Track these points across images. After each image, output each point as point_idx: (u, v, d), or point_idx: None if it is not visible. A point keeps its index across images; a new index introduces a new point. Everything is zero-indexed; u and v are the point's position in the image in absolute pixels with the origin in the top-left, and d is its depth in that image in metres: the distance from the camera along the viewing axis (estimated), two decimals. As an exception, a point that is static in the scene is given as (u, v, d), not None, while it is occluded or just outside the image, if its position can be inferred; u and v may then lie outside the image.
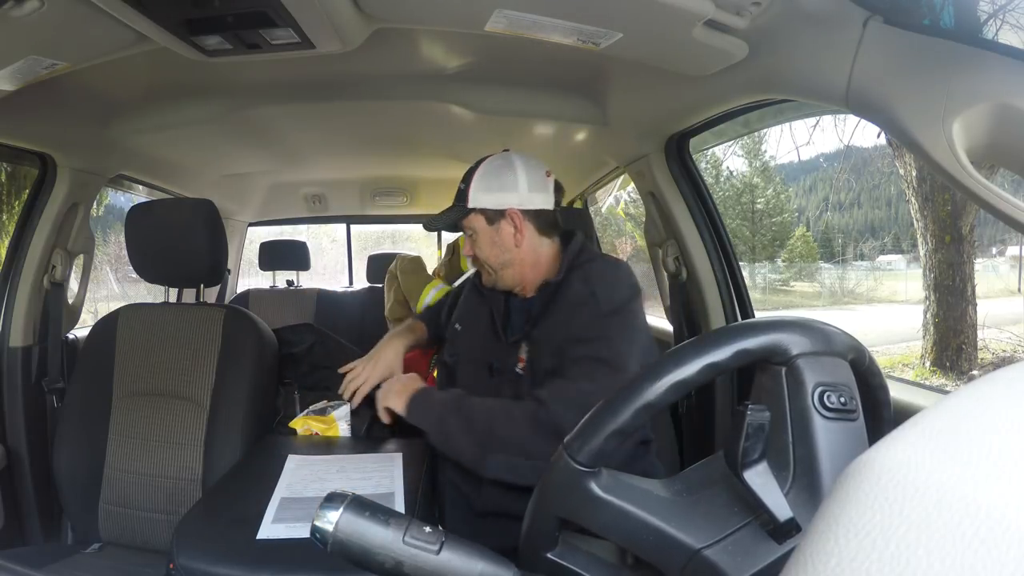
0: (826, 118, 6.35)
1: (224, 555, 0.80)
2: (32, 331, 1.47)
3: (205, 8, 0.85)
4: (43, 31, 0.86)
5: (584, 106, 1.49)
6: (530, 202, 1.06)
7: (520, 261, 1.08)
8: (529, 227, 1.07)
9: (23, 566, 0.91)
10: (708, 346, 0.45)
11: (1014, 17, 1.84)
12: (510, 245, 1.07)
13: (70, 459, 1.29)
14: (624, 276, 1.04)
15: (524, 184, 1.06)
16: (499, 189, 1.06)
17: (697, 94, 1.14)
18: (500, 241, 1.07)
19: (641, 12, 0.83)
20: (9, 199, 4.61)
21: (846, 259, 16.05)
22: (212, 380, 1.31)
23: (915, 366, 5.55)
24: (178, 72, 1.25)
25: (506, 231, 1.06)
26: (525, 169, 1.07)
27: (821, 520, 0.21)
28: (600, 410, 0.45)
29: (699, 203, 1.46)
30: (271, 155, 1.97)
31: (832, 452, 0.43)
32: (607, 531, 0.45)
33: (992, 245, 11.59)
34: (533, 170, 1.08)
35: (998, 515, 0.17)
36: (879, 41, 0.72)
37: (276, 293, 2.75)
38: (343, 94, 1.46)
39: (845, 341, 0.48)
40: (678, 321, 1.56)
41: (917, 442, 0.21)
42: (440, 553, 0.41)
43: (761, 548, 0.41)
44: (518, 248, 1.07)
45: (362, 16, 0.91)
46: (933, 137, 0.65)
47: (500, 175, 1.07)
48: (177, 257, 1.37)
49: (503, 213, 1.06)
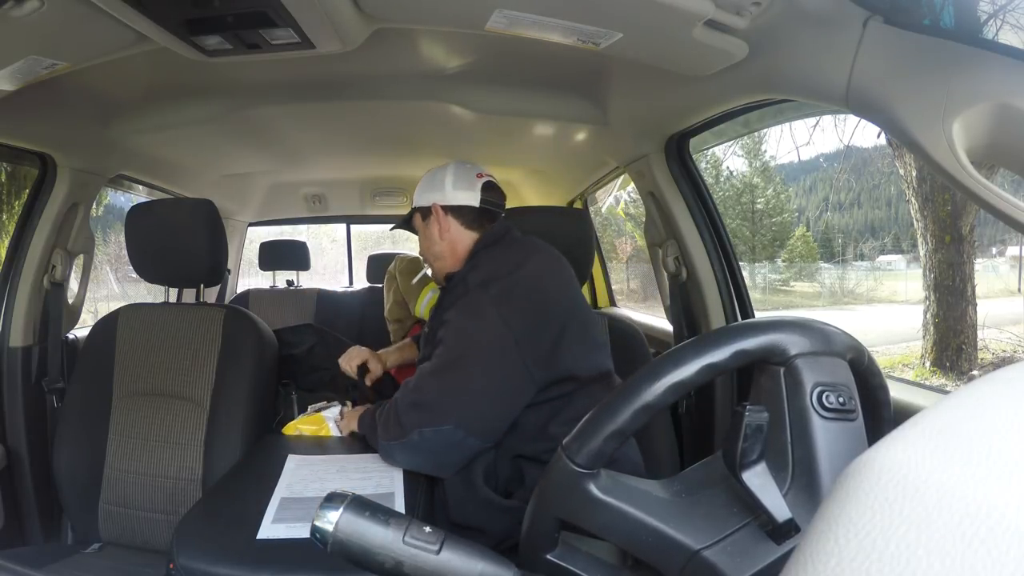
0: (826, 118, 6.34)
1: (224, 555, 0.80)
2: (32, 331, 1.47)
3: (205, 8, 0.85)
4: (43, 31, 0.86)
5: (584, 106, 1.49)
6: (453, 199, 1.16)
7: (445, 254, 1.18)
8: (452, 221, 1.16)
9: (23, 566, 0.91)
10: (707, 347, 0.45)
11: (1014, 17, 1.84)
12: (436, 238, 1.17)
13: (70, 459, 1.29)
14: (504, 259, 1.07)
15: (449, 183, 1.16)
16: (429, 189, 1.18)
17: (697, 94, 1.14)
18: (430, 235, 1.18)
19: (641, 12, 0.83)
20: (9, 199, 4.61)
21: (846, 259, 16.04)
22: (212, 380, 1.30)
23: (915, 366, 5.55)
24: (178, 72, 1.25)
25: (433, 225, 1.17)
26: (454, 171, 1.18)
27: (821, 520, 0.21)
28: (599, 411, 0.45)
29: (699, 203, 1.46)
30: (271, 155, 1.97)
31: (831, 452, 0.43)
32: (606, 532, 0.45)
33: (992, 245, 11.58)
34: (463, 172, 1.18)
35: (998, 515, 0.17)
36: (879, 41, 0.72)
37: (276, 293, 2.75)
38: (343, 94, 1.46)
39: (844, 341, 0.48)
40: (678, 321, 1.56)
41: (917, 442, 0.21)
42: (440, 553, 0.41)
43: (760, 549, 0.41)
44: (443, 241, 1.17)
45: (362, 16, 0.91)
46: (933, 137, 0.65)
47: (432, 178, 1.19)
48: (177, 257, 1.37)
49: (430, 210, 1.17)
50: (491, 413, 0.97)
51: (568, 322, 1.02)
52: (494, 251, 1.11)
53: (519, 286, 1.01)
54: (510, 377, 0.96)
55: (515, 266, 1.05)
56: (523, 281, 1.02)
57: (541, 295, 1.02)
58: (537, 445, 1.00)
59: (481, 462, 1.02)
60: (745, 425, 0.41)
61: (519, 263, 1.05)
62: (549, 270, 1.09)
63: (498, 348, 0.96)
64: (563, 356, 1.00)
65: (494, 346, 0.96)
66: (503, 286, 1.00)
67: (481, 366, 0.96)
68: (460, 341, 0.99)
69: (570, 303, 1.07)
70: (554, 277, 1.08)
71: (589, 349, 1.05)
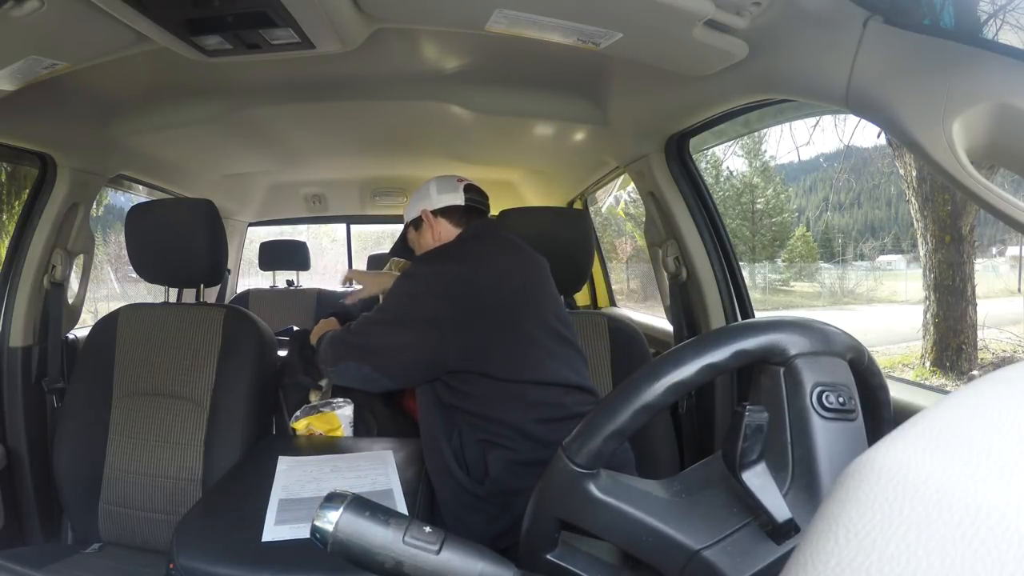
0: (826, 118, 6.35)
1: (224, 555, 0.80)
2: (32, 331, 1.47)
3: (205, 8, 0.85)
4: (43, 31, 0.86)
5: (584, 106, 1.49)
6: (438, 202, 1.22)
7: None
8: (442, 221, 1.21)
9: (23, 566, 0.91)
10: (706, 347, 0.44)
11: (1014, 17, 1.84)
12: (431, 242, 1.22)
13: (70, 459, 1.29)
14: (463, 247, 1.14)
15: (434, 191, 1.23)
16: (417, 201, 1.25)
17: (697, 94, 1.14)
18: (424, 241, 1.24)
19: (641, 12, 0.83)
20: (9, 199, 4.61)
21: (846, 259, 16.05)
22: (212, 380, 1.31)
23: (915, 366, 5.55)
24: (178, 72, 1.25)
25: (426, 231, 1.23)
26: (436, 181, 1.25)
27: (821, 520, 0.21)
28: (599, 411, 0.45)
29: (699, 203, 1.46)
30: (271, 155, 1.97)
31: (831, 452, 0.43)
32: (606, 532, 0.45)
33: (992, 245, 11.59)
34: (445, 180, 1.25)
35: (998, 515, 0.17)
36: (879, 41, 0.72)
37: (276, 293, 2.75)
38: (343, 94, 1.46)
39: (844, 341, 0.48)
40: (678, 321, 1.56)
41: (917, 442, 0.21)
42: (440, 553, 0.41)
43: (760, 549, 0.41)
44: (435, 243, 1.21)
45: (362, 16, 0.91)
46: (933, 137, 0.65)
47: (419, 192, 1.26)
48: (177, 257, 1.37)
49: (421, 218, 1.23)
50: (402, 367, 1.08)
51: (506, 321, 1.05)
52: (461, 240, 1.17)
53: (455, 267, 1.08)
54: (422, 345, 1.05)
55: (462, 252, 1.12)
56: (461, 264, 1.09)
57: (475, 283, 1.06)
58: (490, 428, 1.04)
59: (448, 444, 1.06)
60: (745, 425, 0.40)
61: (468, 250, 1.12)
62: (497, 263, 1.11)
63: (417, 312, 1.05)
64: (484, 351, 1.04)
65: (413, 309, 1.06)
66: (441, 264, 1.10)
67: (397, 322, 1.07)
68: (394, 301, 1.10)
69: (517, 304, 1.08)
70: (508, 273, 1.11)
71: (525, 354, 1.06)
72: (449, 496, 1.06)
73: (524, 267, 1.15)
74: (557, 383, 1.06)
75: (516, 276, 1.11)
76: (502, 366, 1.03)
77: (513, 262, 1.14)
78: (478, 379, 1.04)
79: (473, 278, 1.06)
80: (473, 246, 1.14)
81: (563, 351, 1.11)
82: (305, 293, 2.74)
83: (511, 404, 1.03)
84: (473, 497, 1.03)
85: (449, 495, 1.06)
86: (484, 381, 1.03)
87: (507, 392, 1.03)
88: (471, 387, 1.04)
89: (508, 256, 1.14)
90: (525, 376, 1.04)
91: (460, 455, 1.06)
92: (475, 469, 1.04)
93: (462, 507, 1.05)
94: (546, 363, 1.07)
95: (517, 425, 1.02)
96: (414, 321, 1.05)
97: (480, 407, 1.04)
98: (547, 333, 1.10)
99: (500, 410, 1.03)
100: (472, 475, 1.04)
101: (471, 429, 1.05)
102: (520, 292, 1.09)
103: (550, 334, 1.10)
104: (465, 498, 1.04)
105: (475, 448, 1.05)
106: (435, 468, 1.08)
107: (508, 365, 1.03)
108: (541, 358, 1.06)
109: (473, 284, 1.06)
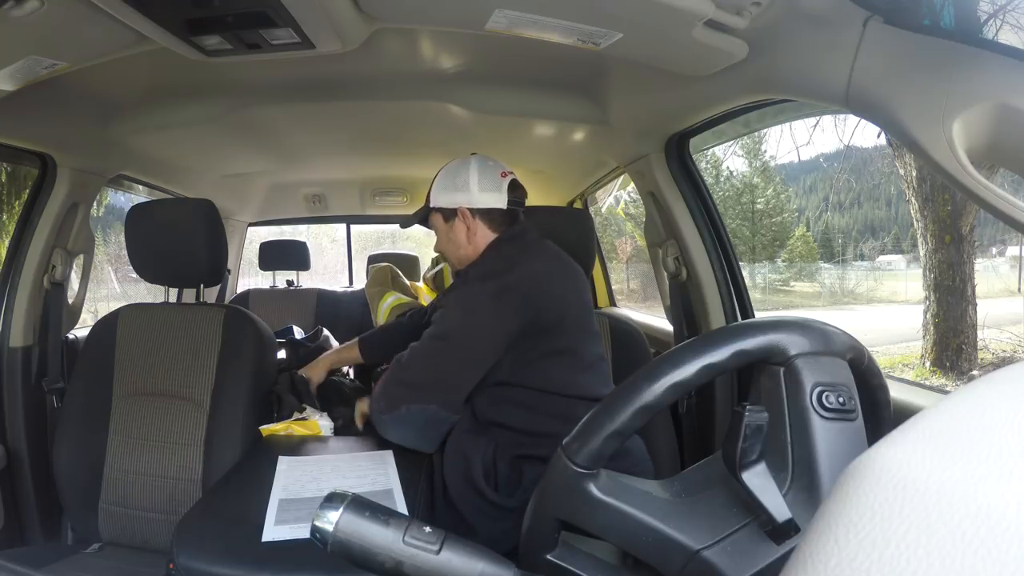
0: (826, 118, 6.35)
1: (224, 555, 0.80)
2: (32, 331, 1.47)
3: (205, 8, 0.85)
4: (43, 31, 0.86)
5: (584, 106, 1.49)
6: (480, 201, 1.13)
7: (471, 255, 1.16)
8: (480, 224, 1.14)
9: (23, 566, 0.91)
10: (706, 347, 0.44)
11: (1014, 17, 1.84)
12: (463, 241, 1.15)
13: (70, 459, 1.29)
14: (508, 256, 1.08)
15: (475, 184, 1.13)
16: (453, 189, 1.14)
17: (697, 94, 1.14)
18: (455, 237, 1.16)
19: (641, 12, 0.83)
20: (9, 199, 4.61)
21: (846, 259, 16.04)
22: (212, 380, 1.30)
23: (915, 366, 5.55)
24: (178, 72, 1.25)
25: (459, 228, 1.14)
26: (479, 170, 1.14)
27: (821, 520, 0.21)
28: (598, 412, 0.45)
29: (699, 203, 1.46)
30: (271, 155, 1.97)
31: (831, 452, 0.43)
32: (606, 533, 0.45)
33: (992, 245, 11.57)
34: (488, 171, 1.14)
35: (998, 515, 0.17)
36: (879, 41, 0.72)
37: (276, 293, 2.75)
38: (343, 94, 1.46)
39: (844, 341, 0.48)
40: (678, 321, 1.56)
41: (917, 442, 0.21)
42: (440, 553, 0.41)
43: (760, 549, 0.41)
44: (470, 244, 1.15)
45: (362, 16, 0.91)
46: (933, 137, 0.65)
47: (456, 176, 1.15)
48: (177, 257, 1.37)
49: (455, 212, 1.14)
50: (466, 388, 1.03)
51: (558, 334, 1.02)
52: (505, 248, 1.11)
53: (515, 284, 1.03)
54: (489, 354, 1.01)
55: (514, 264, 1.05)
56: (520, 280, 1.03)
57: (534, 297, 1.03)
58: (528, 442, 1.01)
59: (479, 461, 1.03)
60: (745, 425, 0.40)
61: (518, 262, 1.06)
62: (548, 275, 1.07)
63: (486, 339, 1.00)
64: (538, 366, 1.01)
65: (482, 337, 1.00)
66: (500, 282, 1.02)
67: (466, 353, 1.00)
68: (450, 326, 1.03)
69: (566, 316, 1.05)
70: (553, 283, 1.07)
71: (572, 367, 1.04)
72: (473, 512, 1.03)
73: (567, 277, 1.11)
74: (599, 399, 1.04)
75: (562, 286, 1.08)
76: (552, 380, 1.01)
77: (557, 271, 1.10)
78: (527, 393, 1.01)
79: (529, 291, 1.02)
80: (518, 255, 1.08)
81: (600, 365, 1.10)
82: (305, 293, 2.74)
83: (557, 419, 0.99)
84: (500, 509, 1.01)
85: (473, 511, 1.03)
86: (534, 395, 1.01)
87: (553, 406, 1.01)
88: (516, 403, 1.01)
89: (552, 265, 1.10)
90: (571, 391, 1.02)
91: (491, 471, 1.03)
92: (506, 483, 1.02)
93: (489, 520, 1.02)
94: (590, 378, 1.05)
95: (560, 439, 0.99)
96: (477, 342, 1.00)
97: (523, 423, 1.02)
98: (591, 346, 1.08)
99: (545, 425, 1.00)
100: (501, 490, 1.02)
101: (508, 446, 1.03)
102: (567, 303, 1.06)
103: (594, 347, 1.08)
104: (491, 511, 1.02)
105: (509, 464, 1.03)
106: (459, 485, 1.04)
107: (558, 379, 1.01)
108: (586, 372, 1.05)
109: (530, 297, 1.02)
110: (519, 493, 1.01)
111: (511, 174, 1.17)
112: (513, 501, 1.00)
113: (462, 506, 1.04)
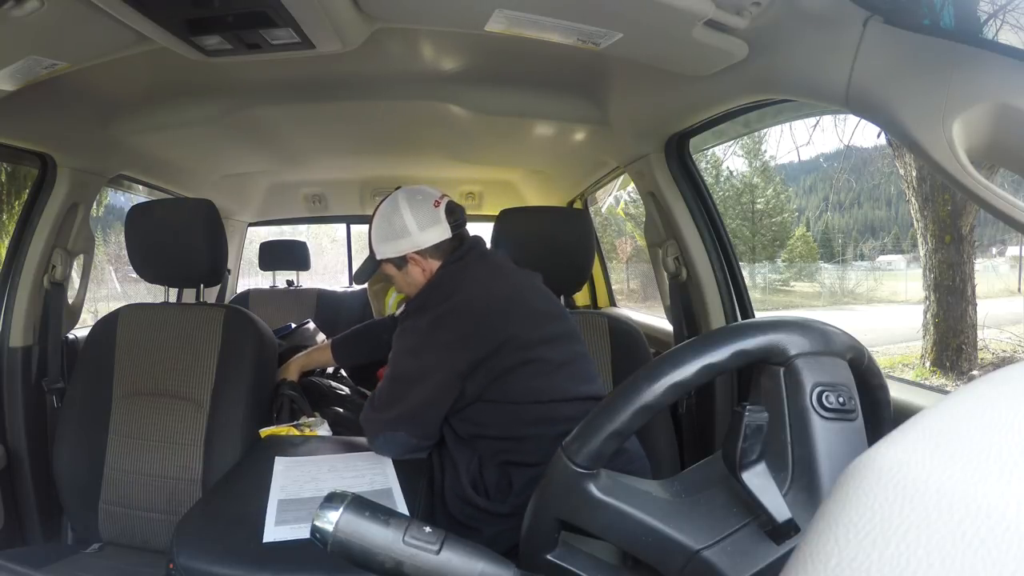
0: (826, 118, 6.35)
1: (224, 555, 0.80)
2: (32, 331, 1.47)
3: (205, 8, 0.85)
4: (43, 31, 0.86)
5: (584, 106, 1.49)
6: (424, 240, 1.11)
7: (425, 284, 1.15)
8: (432, 260, 1.13)
9: (23, 566, 0.91)
10: (706, 347, 0.44)
11: (1014, 17, 1.84)
12: (421, 280, 1.14)
13: (70, 459, 1.29)
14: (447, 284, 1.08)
15: (414, 225, 1.10)
16: (394, 237, 1.12)
17: (697, 94, 1.14)
18: (412, 280, 1.15)
19: (641, 12, 0.83)
20: (9, 199, 4.61)
21: (846, 259, 16.05)
22: (212, 380, 1.30)
23: (915, 366, 5.55)
24: (178, 72, 1.25)
25: (414, 271, 1.14)
26: (411, 209, 1.11)
27: (821, 520, 0.21)
28: (598, 412, 0.45)
29: (699, 203, 1.46)
30: (271, 155, 1.97)
31: (830, 452, 0.43)
32: (606, 533, 0.45)
33: (992, 245, 11.58)
34: (420, 206, 1.12)
35: (998, 515, 0.17)
36: (879, 41, 0.72)
37: (276, 293, 2.75)
38: (343, 94, 1.45)
39: (844, 341, 0.48)
40: (678, 321, 1.56)
41: (917, 442, 0.21)
42: (440, 553, 0.41)
43: (760, 549, 0.41)
44: (425, 279, 1.14)
45: (362, 16, 0.91)
46: (933, 137, 0.65)
47: (391, 222, 1.12)
48: (177, 257, 1.37)
49: (405, 259, 1.13)
50: (433, 422, 1.05)
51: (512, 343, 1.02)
52: (453, 269, 1.11)
53: (452, 312, 1.03)
54: (445, 393, 1.02)
55: (452, 292, 1.06)
56: (457, 307, 1.04)
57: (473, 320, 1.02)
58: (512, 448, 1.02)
59: (466, 471, 1.04)
60: (745, 425, 0.40)
61: (454, 290, 1.06)
62: (486, 296, 1.05)
63: (437, 378, 1.01)
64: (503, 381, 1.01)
65: (432, 376, 1.01)
66: (436, 313, 1.04)
67: (422, 393, 1.02)
68: (401, 370, 1.05)
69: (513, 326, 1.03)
70: (493, 302, 1.05)
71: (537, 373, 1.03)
72: (469, 520, 1.04)
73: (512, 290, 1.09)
74: (579, 397, 1.03)
75: (506, 301, 1.06)
76: (525, 390, 1.01)
77: (498, 288, 1.08)
78: (502, 406, 1.01)
79: (466, 320, 1.02)
80: (458, 282, 1.08)
81: (576, 362, 1.09)
82: (305, 293, 2.73)
83: (538, 424, 1.00)
84: (494, 516, 1.01)
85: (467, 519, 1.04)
86: (509, 406, 1.01)
87: (532, 413, 1.01)
88: (491, 416, 1.02)
89: (493, 283, 1.09)
90: (546, 396, 1.02)
91: (478, 480, 1.04)
92: (496, 490, 1.03)
93: (486, 526, 1.02)
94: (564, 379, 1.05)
95: (543, 441, 0.99)
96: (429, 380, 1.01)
97: (505, 431, 1.02)
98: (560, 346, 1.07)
99: (526, 430, 1.01)
100: (492, 497, 1.02)
101: (493, 454, 1.03)
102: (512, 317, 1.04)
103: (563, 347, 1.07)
104: (485, 518, 1.02)
105: (496, 470, 1.03)
106: (450, 493, 1.06)
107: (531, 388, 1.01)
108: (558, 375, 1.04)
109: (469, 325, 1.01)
110: (511, 498, 1.01)
111: (444, 198, 1.15)
112: (505, 507, 1.01)
113: (457, 514, 1.05)
